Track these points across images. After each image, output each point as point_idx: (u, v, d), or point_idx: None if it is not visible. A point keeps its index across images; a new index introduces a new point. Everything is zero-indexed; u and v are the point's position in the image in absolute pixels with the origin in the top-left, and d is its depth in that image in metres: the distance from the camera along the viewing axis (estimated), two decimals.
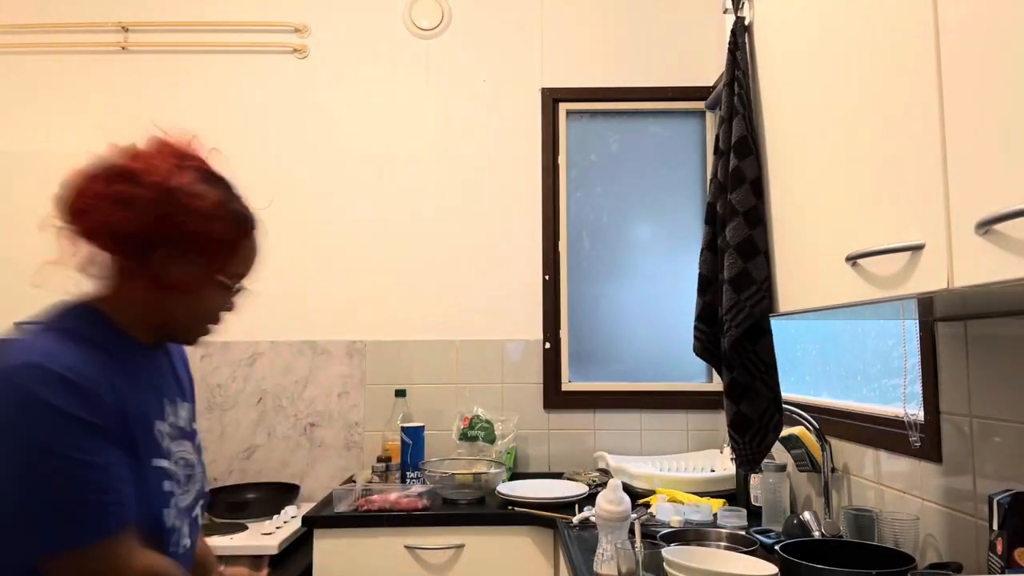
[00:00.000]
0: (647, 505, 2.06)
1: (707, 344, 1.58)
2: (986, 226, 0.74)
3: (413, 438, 2.38)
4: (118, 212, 0.95)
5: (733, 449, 1.51)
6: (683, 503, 2.02)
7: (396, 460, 2.41)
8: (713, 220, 1.58)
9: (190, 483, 1.07)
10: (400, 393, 2.57)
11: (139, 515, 0.94)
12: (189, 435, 1.11)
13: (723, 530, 1.57)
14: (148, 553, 0.94)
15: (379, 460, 2.40)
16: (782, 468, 1.89)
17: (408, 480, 2.34)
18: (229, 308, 1.09)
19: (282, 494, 2.44)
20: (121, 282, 1.01)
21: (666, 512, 1.95)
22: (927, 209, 0.87)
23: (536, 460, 2.66)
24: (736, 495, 2.15)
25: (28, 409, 0.85)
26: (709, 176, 1.81)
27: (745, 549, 1.46)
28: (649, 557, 1.37)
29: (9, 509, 0.85)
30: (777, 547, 1.28)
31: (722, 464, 2.45)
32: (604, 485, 2.32)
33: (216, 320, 1.09)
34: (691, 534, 1.58)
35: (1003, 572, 1.04)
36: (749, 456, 1.49)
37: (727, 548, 1.50)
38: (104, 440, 0.90)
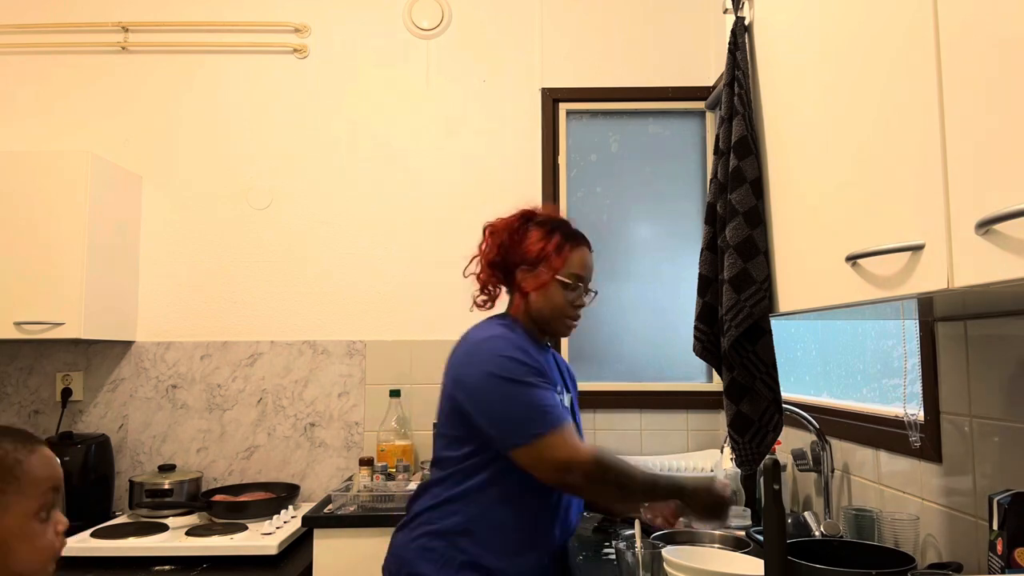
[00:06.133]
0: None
1: (707, 344, 1.58)
2: (986, 226, 0.73)
3: None
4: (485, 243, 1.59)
5: (733, 449, 1.51)
6: None
7: (390, 463, 2.39)
8: (713, 220, 1.58)
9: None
10: (394, 393, 2.57)
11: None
12: (572, 415, 1.58)
13: (722, 531, 1.57)
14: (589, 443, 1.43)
15: (362, 463, 2.30)
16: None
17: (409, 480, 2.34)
18: (578, 304, 1.56)
19: (282, 494, 2.44)
20: (511, 298, 1.61)
21: None
22: (927, 209, 0.87)
23: None
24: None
25: (500, 360, 1.41)
26: (709, 176, 1.81)
27: (744, 549, 1.46)
28: (649, 557, 1.37)
29: (498, 418, 1.39)
30: None
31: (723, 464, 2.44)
32: None
33: (571, 314, 1.55)
34: (690, 534, 1.58)
35: (1003, 572, 1.04)
36: (749, 456, 1.49)
37: (727, 548, 1.50)
38: (541, 378, 1.42)
